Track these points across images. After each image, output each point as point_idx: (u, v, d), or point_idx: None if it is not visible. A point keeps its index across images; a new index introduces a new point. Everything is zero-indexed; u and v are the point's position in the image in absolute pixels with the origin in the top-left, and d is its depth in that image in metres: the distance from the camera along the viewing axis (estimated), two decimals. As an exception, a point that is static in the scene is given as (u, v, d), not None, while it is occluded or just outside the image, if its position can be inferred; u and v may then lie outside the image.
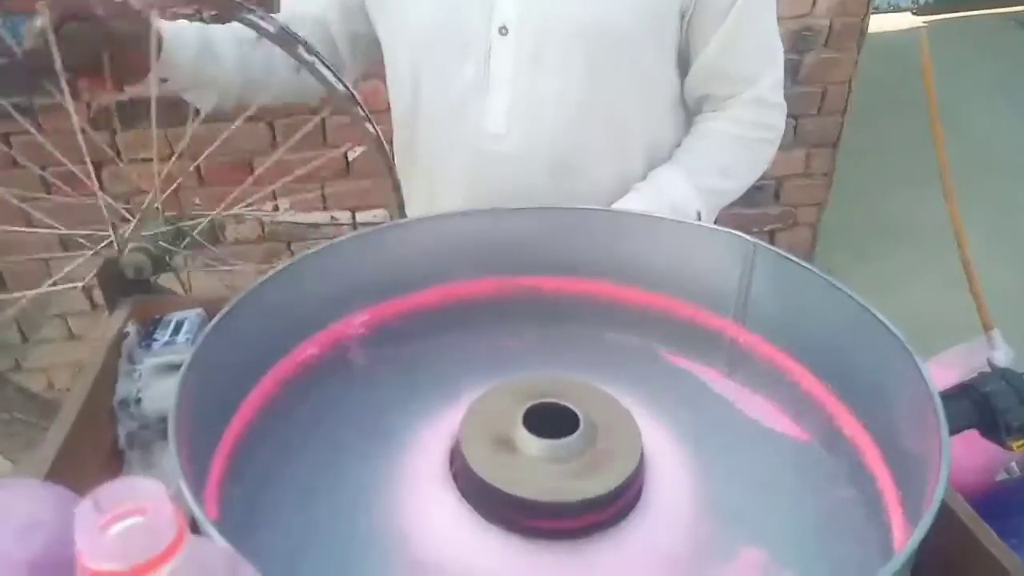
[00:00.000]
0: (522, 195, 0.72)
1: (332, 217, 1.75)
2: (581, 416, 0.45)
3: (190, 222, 0.70)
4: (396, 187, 0.69)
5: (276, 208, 1.68)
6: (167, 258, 0.66)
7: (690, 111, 0.80)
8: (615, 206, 0.73)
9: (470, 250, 0.60)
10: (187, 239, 0.68)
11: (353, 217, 1.76)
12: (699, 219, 0.74)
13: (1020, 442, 0.55)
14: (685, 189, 0.74)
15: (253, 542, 0.43)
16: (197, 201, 1.69)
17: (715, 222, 0.77)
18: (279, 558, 0.42)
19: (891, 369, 0.45)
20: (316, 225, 1.73)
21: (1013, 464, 0.69)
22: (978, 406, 0.55)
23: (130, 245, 0.64)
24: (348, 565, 0.43)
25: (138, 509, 0.23)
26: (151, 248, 0.64)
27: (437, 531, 0.44)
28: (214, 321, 0.47)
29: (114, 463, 0.55)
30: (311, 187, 1.70)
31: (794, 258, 0.53)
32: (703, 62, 0.74)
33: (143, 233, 0.65)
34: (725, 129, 0.77)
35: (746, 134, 0.77)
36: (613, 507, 0.43)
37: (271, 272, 0.52)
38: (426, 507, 0.45)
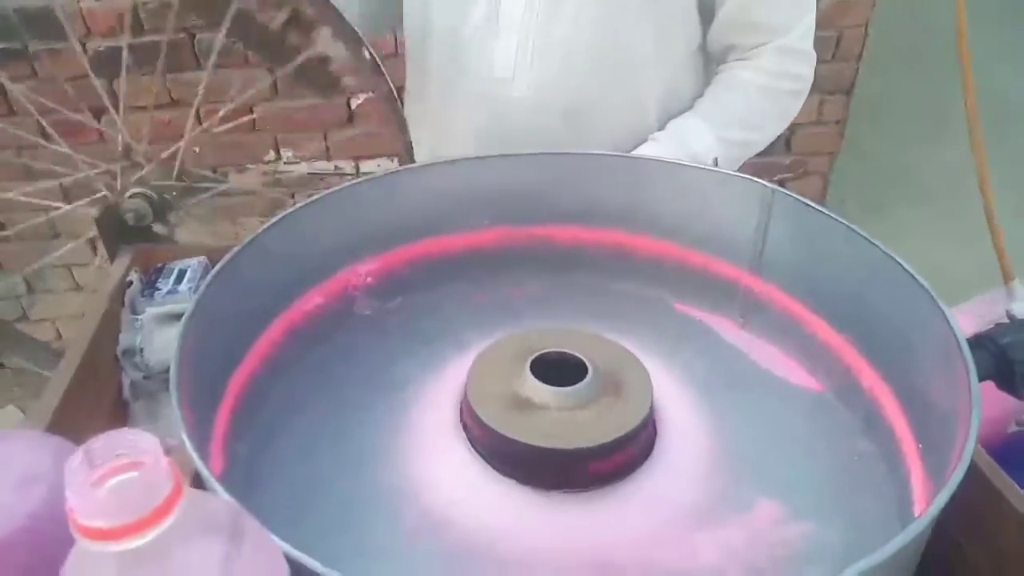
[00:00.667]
0: (534, 142, 0.69)
1: (336, 167, 1.72)
2: (589, 365, 0.44)
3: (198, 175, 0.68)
4: (404, 129, 0.67)
5: (279, 158, 1.65)
6: (167, 196, 0.64)
7: (713, 60, 0.77)
8: (633, 154, 0.71)
9: (479, 198, 0.58)
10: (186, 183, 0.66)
11: (356, 167, 1.73)
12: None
13: (1035, 394, 0.54)
14: (708, 140, 0.71)
15: (258, 496, 0.42)
16: (196, 149, 1.66)
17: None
18: (285, 512, 0.42)
19: (914, 319, 0.44)
20: (320, 175, 1.70)
21: (1025, 416, 0.68)
22: (995, 357, 0.53)
23: (130, 191, 0.62)
24: (356, 519, 0.42)
25: (132, 464, 0.22)
26: (153, 195, 0.62)
27: (447, 483, 0.43)
28: (216, 269, 0.45)
29: (118, 414, 0.54)
30: (314, 136, 1.67)
31: (814, 204, 0.52)
32: (729, 11, 0.70)
33: (135, 177, 0.64)
34: (751, 79, 0.73)
35: (773, 84, 0.73)
36: (624, 455, 0.42)
37: (275, 218, 0.50)
38: (435, 459, 0.44)
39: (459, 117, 0.72)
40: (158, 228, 0.64)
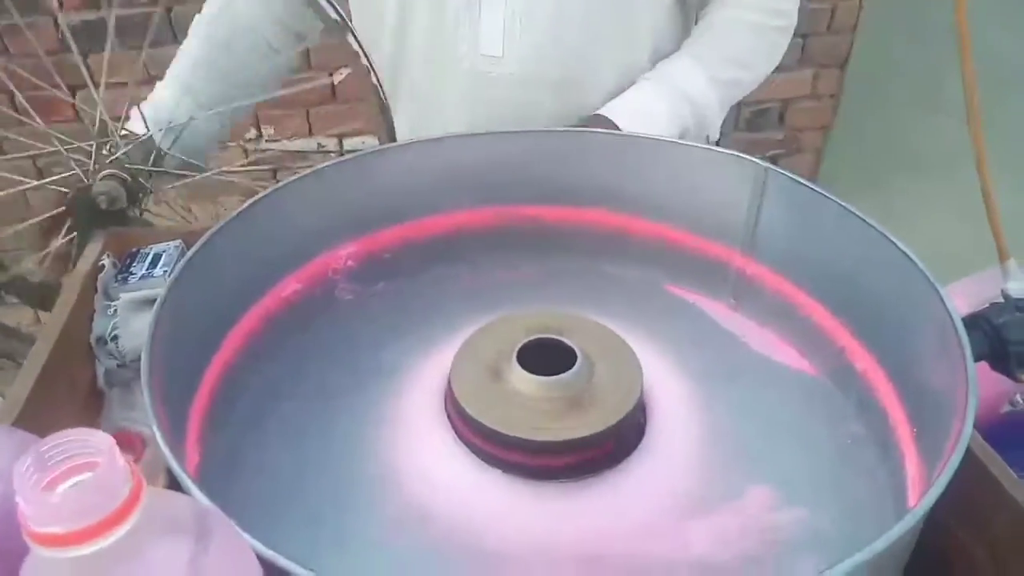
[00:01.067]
0: (524, 117, 0.67)
1: (319, 144, 1.69)
2: (579, 352, 0.43)
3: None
4: (385, 111, 0.65)
5: (260, 135, 1.62)
6: (142, 180, 0.62)
7: (694, 7, 0.75)
8: (627, 101, 0.69)
9: (465, 177, 0.56)
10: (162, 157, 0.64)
11: (340, 144, 1.70)
12: (716, 110, 0.72)
13: (1029, 374, 0.54)
14: (699, 80, 0.69)
15: (236, 488, 0.41)
16: (171, 122, 1.62)
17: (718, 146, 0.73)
18: (263, 504, 0.41)
19: (909, 300, 0.43)
20: (303, 152, 1.67)
21: (1018, 396, 0.68)
22: (989, 338, 0.53)
23: (102, 172, 0.60)
24: (337, 510, 0.41)
25: (86, 464, 0.21)
26: (123, 174, 0.60)
27: (431, 474, 0.42)
28: (188, 255, 0.44)
29: (93, 403, 0.53)
30: (295, 112, 1.64)
31: (807, 183, 0.50)
32: None
33: (110, 158, 0.61)
34: (737, 16, 0.72)
35: (760, 21, 0.72)
36: (613, 445, 0.41)
37: (250, 201, 0.49)
38: (419, 449, 0.43)
39: (445, 96, 0.70)
40: (132, 212, 0.62)
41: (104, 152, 0.62)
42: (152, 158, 0.64)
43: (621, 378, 0.43)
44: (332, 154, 1.75)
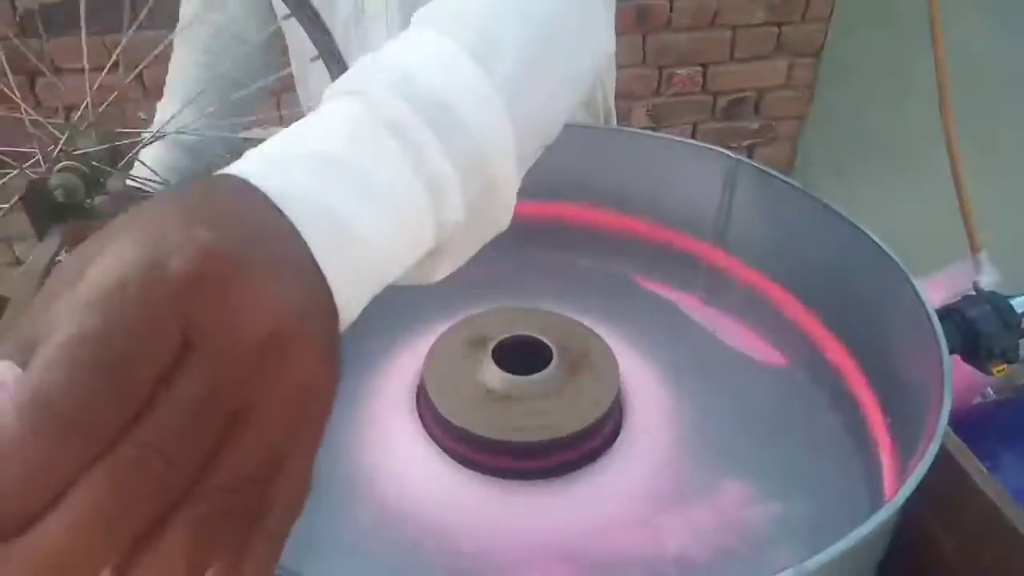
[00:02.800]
0: None
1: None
2: (555, 349, 0.42)
3: (128, 141, 0.63)
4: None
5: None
6: (102, 180, 0.60)
7: None
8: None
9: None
10: (126, 159, 0.62)
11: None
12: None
13: (1001, 367, 0.54)
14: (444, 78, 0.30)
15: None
16: (143, 116, 1.58)
17: (693, 136, 0.72)
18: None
19: (883, 292, 0.43)
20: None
21: (989, 388, 0.69)
22: (961, 330, 0.53)
23: (59, 164, 0.58)
24: (308, 512, 0.40)
25: None
26: (83, 168, 0.58)
27: (404, 475, 0.41)
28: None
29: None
30: (268, 99, 1.61)
31: (779, 175, 0.50)
32: None
33: (75, 151, 0.59)
34: None
35: None
36: (589, 445, 0.41)
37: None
38: (392, 449, 0.42)
39: None
40: (90, 204, 0.59)
41: (65, 147, 0.60)
42: (112, 149, 0.61)
43: (597, 376, 0.43)
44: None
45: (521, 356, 0.43)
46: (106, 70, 0.65)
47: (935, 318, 0.37)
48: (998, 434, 0.64)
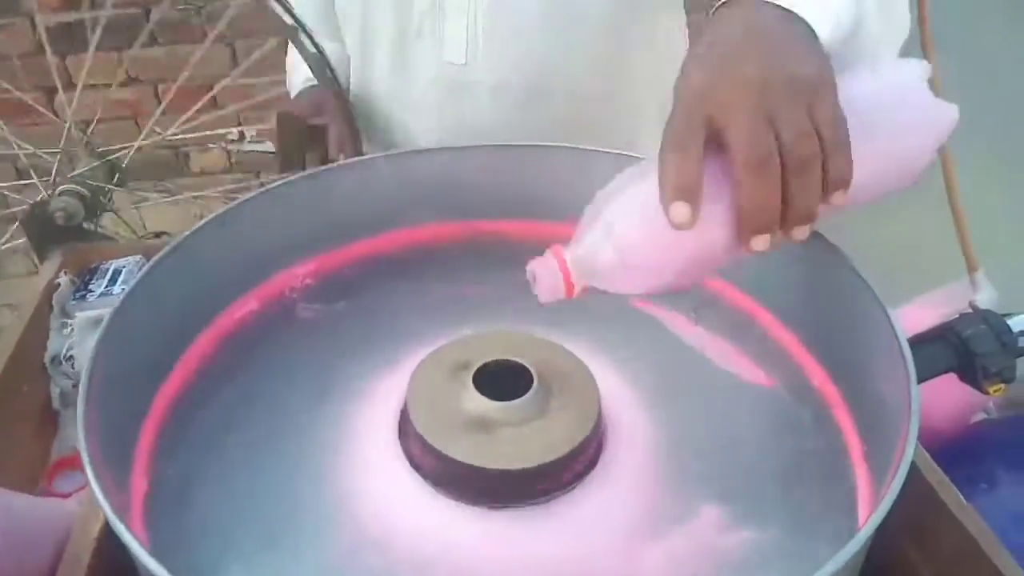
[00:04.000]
0: (493, 127, 0.66)
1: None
2: (535, 374, 0.43)
3: (116, 155, 0.65)
4: (353, 130, 0.64)
5: (242, 136, 1.60)
6: (102, 198, 0.61)
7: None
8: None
9: (425, 192, 0.56)
10: (119, 174, 0.64)
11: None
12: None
13: (997, 387, 0.54)
14: None
15: (188, 515, 0.41)
16: (157, 130, 1.61)
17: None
18: (216, 531, 0.40)
19: (861, 320, 0.43)
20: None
21: (991, 404, 0.68)
22: (956, 350, 0.53)
23: (59, 188, 0.60)
24: (292, 537, 0.41)
25: None
26: (82, 190, 0.60)
27: (386, 500, 0.42)
28: (136, 278, 0.43)
29: (47, 423, 0.52)
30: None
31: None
32: None
33: (71, 174, 0.61)
34: None
35: None
36: (567, 472, 0.41)
37: (203, 221, 0.48)
38: (375, 475, 0.43)
39: (412, 107, 0.69)
40: (91, 227, 0.61)
41: (66, 167, 0.62)
42: (116, 177, 0.63)
43: (578, 402, 0.43)
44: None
45: (503, 381, 0.43)
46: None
47: (907, 349, 0.37)
48: (997, 453, 0.64)
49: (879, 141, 0.37)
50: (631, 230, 0.36)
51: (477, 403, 0.42)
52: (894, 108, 0.39)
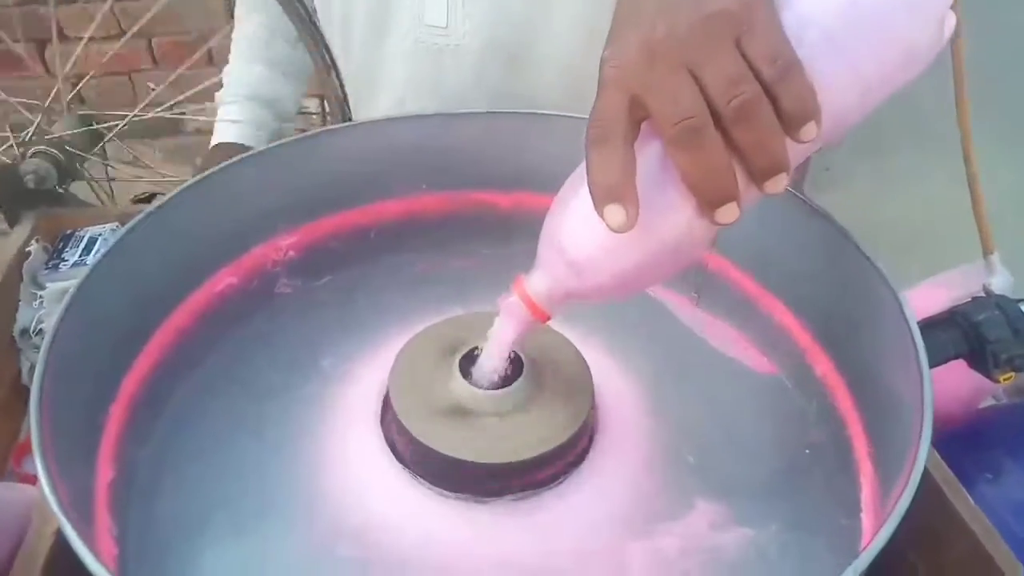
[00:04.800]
0: (473, 93, 0.63)
1: (302, 105, 1.62)
2: (526, 362, 0.41)
3: (105, 124, 0.62)
4: (332, 71, 0.60)
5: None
6: (78, 165, 0.58)
7: None
8: None
9: (414, 160, 0.53)
10: (102, 141, 0.60)
11: (322, 105, 1.64)
12: None
13: (1008, 375, 0.52)
14: None
15: (158, 504, 0.39)
16: (152, 86, 1.56)
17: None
18: (187, 520, 0.39)
19: (870, 307, 0.40)
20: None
21: (1000, 390, 0.66)
22: (967, 336, 0.50)
23: (32, 149, 0.57)
24: (267, 526, 0.39)
25: None
26: (57, 153, 0.57)
27: (366, 490, 0.40)
28: (105, 249, 0.41)
29: (16, 400, 0.50)
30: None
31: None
32: None
33: (48, 136, 0.58)
34: None
35: None
36: (556, 466, 0.39)
37: (178, 189, 0.45)
38: (355, 462, 0.41)
39: (391, 71, 0.66)
40: (63, 190, 0.58)
41: (43, 127, 0.59)
42: (92, 140, 0.60)
43: (570, 392, 0.41)
44: (313, 116, 1.69)
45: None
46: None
47: (921, 345, 0.35)
48: (1005, 442, 0.62)
49: (844, 50, 0.30)
50: (580, 246, 0.32)
51: (463, 391, 0.40)
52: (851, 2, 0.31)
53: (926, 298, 0.58)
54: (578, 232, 0.32)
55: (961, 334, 0.50)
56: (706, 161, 0.29)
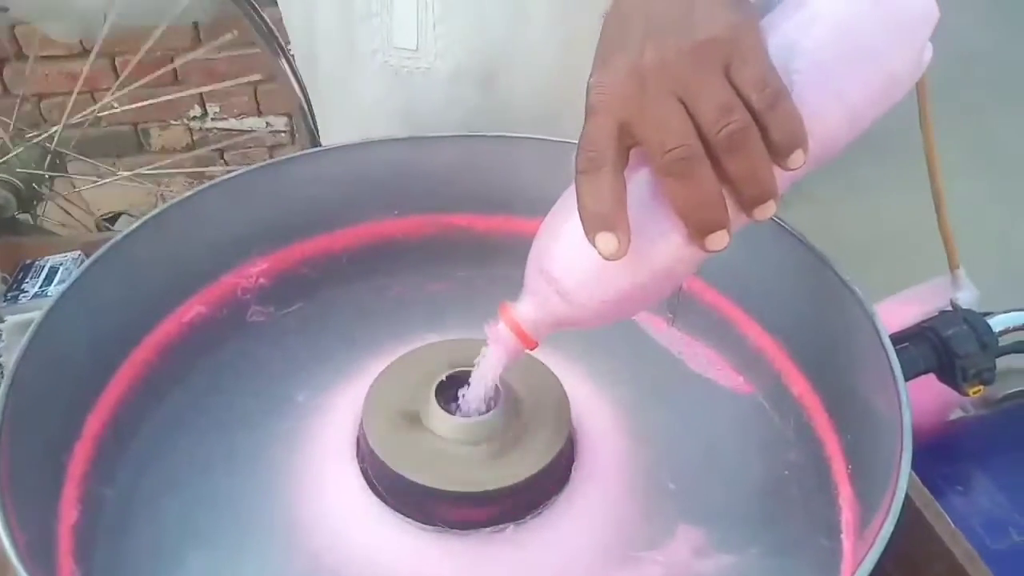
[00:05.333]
0: (445, 117, 0.62)
1: (267, 123, 1.61)
2: (502, 389, 0.40)
3: (43, 136, 0.60)
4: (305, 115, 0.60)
5: (205, 113, 1.54)
6: (37, 186, 0.57)
7: None
8: None
9: (387, 184, 0.53)
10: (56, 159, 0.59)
11: (290, 123, 1.63)
12: None
13: (977, 388, 0.52)
14: None
15: (128, 540, 0.38)
16: (115, 106, 1.54)
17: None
18: (158, 556, 0.38)
19: (845, 327, 0.41)
20: (250, 132, 1.60)
21: (968, 402, 0.67)
22: (936, 350, 0.51)
23: (-9, 177, 0.55)
24: (239, 561, 0.38)
25: None
26: (15, 180, 0.55)
27: (341, 524, 0.39)
28: (68, 282, 0.40)
29: (-24, 439, 0.48)
30: (242, 90, 1.56)
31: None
32: None
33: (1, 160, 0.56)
34: None
35: None
36: (534, 495, 0.38)
37: (144, 218, 0.44)
38: (329, 496, 0.40)
39: (360, 94, 0.65)
40: (23, 218, 0.56)
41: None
42: (48, 160, 0.58)
43: (547, 419, 0.40)
44: (281, 134, 1.68)
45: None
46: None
47: (898, 370, 0.35)
48: (972, 454, 0.63)
49: (831, 78, 0.31)
50: (570, 274, 0.32)
51: (440, 420, 0.39)
52: (839, 32, 0.32)
53: (894, 313, 0.59)
54: (568, 260, 0.32)
55: (931, 348, 0.51)
56: (697, 190, 0.29)
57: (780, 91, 0.29)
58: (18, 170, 0.55)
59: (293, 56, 0.61)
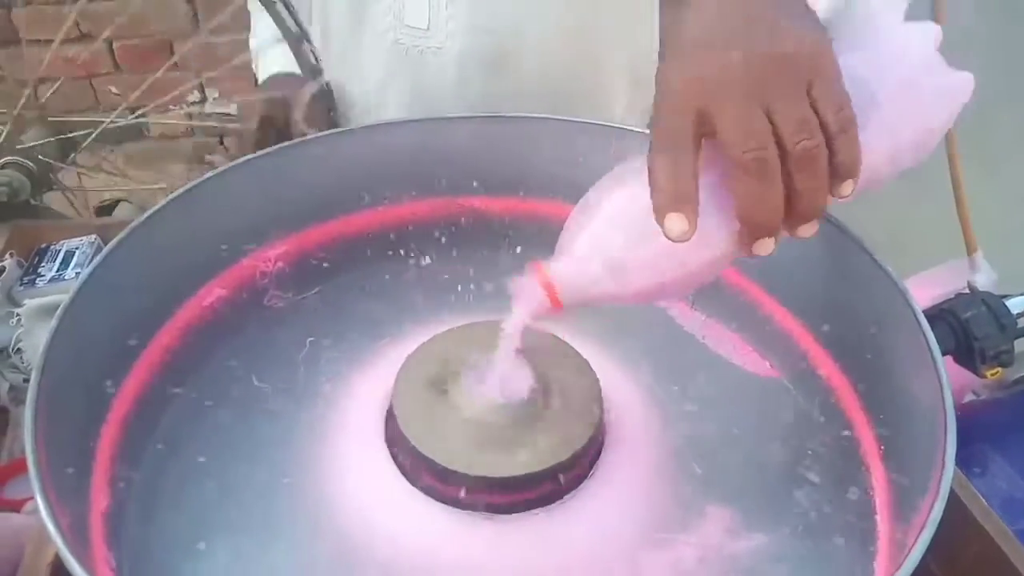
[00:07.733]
0: (456, 97, 0.62)
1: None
2: (533, 373, 0.40)
3: (79, 132, 0.59)
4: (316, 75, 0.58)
5: (204, 99, 1.52)
6: (52, 175, 0.56)
7: None
8: None
9: (402, 167, 0.52)
10: (75, 149, 0.58)
11: (291, 107, 1.61)
12: None
13: (994, 370, 0.52)
14: None
15: (155, 526, 0.38)
16: (114, 90, 1.52)
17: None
18: (184, 542, 0.37)
19: (877, 308, 0.40)
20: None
21: (980, 385, 0.67)
22: (955, 332, 0.51)
23: (2, 160, 0.54)
24: (266, 544, 0.38)
25: None
26: (29, 163, 0.54)
27: (369, 508, 0.39)
28: (91, 267, 0.39)
29: (-3, 423, 0.48)
30: (242, 75, 1.54)
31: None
32: None
33: (19, 146, 0.55)
34: None
35: None
36: (565, 478, 0.38)
37: (164, 201, 0.44)
38: (357, 480, 0.40)
39: (371, 73, 0.64)
40: (37, 202, 0.56)
41: (13, 139, 0.56)
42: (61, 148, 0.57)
43: (578, 402, 0.40)
44: (280, 119, 1.65)
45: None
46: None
47: (936, 350, 0.35)
48: (988, 436, 0.63)
49: (888, 119, 0.33)
50: (622, 246, 0.33)
51: (470, 403, 0.39)
52: (903, 81, 0.35)
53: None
54: (622, 232, 0.32)
55: (949, 330, 0.51)
56: (766, 194, 0.29)
57: (852, 119, 0.30)
58: (39, 156, 0.55)
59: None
